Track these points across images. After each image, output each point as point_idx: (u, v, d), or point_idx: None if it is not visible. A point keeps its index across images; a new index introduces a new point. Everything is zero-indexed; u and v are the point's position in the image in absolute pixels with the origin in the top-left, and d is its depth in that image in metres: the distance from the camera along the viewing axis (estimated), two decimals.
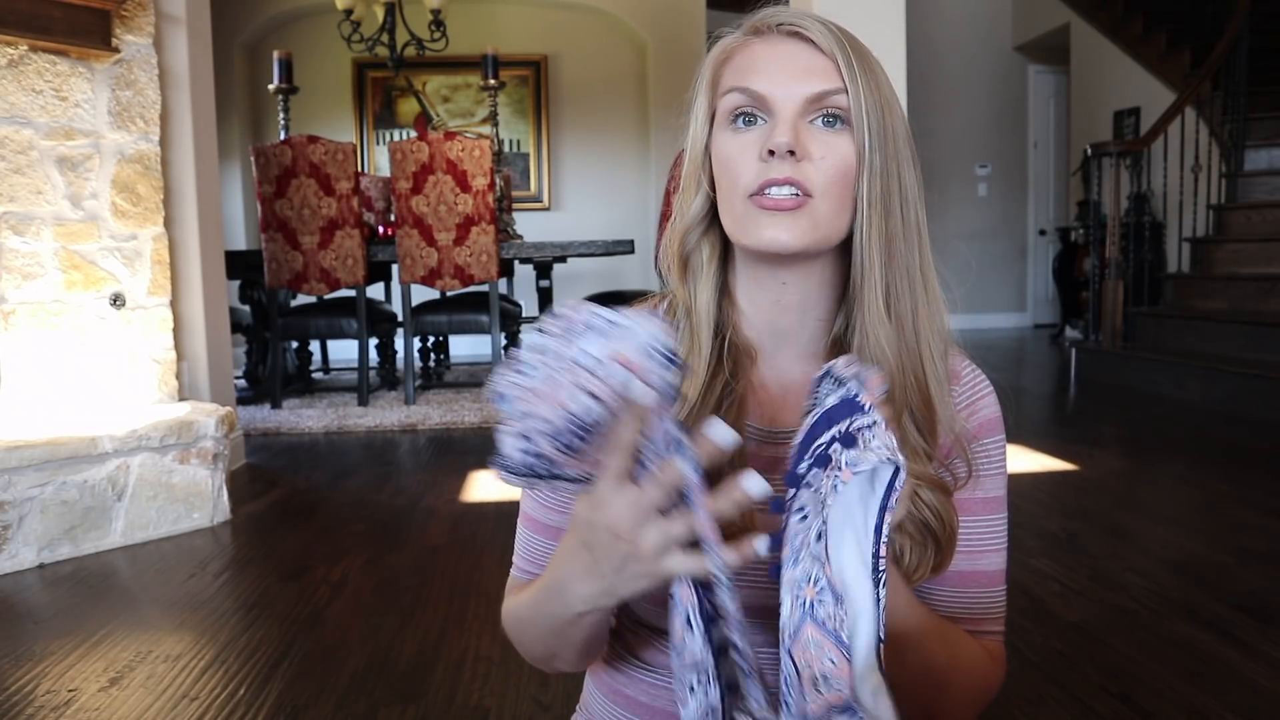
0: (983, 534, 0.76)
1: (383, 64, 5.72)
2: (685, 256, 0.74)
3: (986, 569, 0.76)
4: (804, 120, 0.66)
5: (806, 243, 0.66)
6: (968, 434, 0.73)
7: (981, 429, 0.75)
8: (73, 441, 2.36)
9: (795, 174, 0.65)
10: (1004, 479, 0.77)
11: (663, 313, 0.76)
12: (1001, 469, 0.77)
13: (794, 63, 0.67)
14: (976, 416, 0.75)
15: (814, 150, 0.66)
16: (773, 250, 0.67)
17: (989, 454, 0.75)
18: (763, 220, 0.66)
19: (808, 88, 0.66)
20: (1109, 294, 5.07)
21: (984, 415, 0.75)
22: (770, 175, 0.65)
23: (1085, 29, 6.86)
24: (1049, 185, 8.19)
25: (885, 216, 0.67)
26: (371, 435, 3.99)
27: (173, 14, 3.00)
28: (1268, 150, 5.33)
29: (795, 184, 0.65)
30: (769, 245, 0.66)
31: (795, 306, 0.72)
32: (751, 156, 0.67)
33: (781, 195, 0.65)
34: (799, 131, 0.66)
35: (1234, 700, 1.51)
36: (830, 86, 0.66)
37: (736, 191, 0.67)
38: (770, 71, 0.67)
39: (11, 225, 2.59)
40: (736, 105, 0.68)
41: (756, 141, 0.67)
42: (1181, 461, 3.34)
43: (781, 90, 0.66)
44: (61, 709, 1.55)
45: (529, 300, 5.77)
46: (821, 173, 0.66)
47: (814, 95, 0.66)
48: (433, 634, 1.84)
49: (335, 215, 4.33)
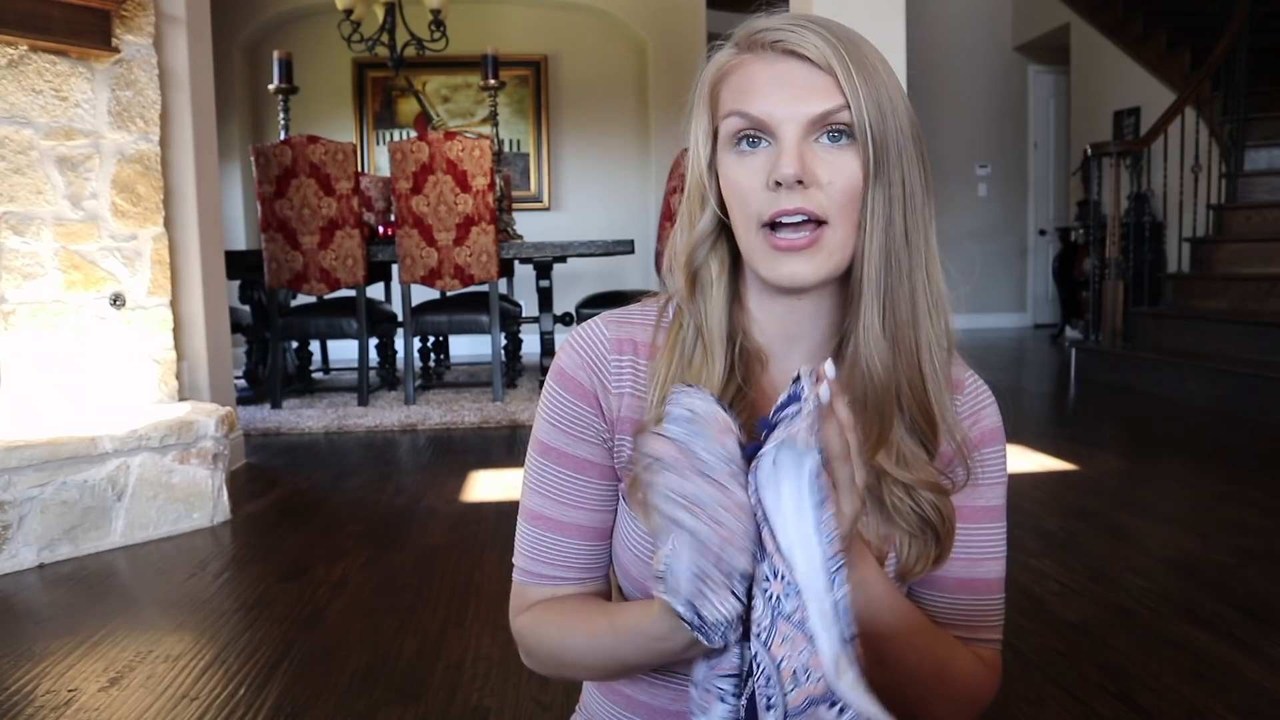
0: (982, 542, 0.76)
1: (383, 64, 5.72)
2: (694, 272, 0.73)
3: (985, 576, 0.76)
4: (808, 141, 0.66)
5: (825, 273, 0.67)
6: (969, 442, 0.73)
7: (982, 439, 0.75)
8: (73, 441, 2.36)
9: (805, 203, 0.65)
10: (1004, 488, 0.77)
11: (668, 317, 0.76)
12: (1002, 478, 0.77)
13: (792, 82, 0.66)
14: (979, 426, 0.75)
15: (821, 174, 0.65)
16: (793, 286, 0.67)
17: (989, 463, 0.76)
18: (781, 259, 0.66)
19: (809, 108, 0.65)
20: (1109, 294, 5.07)
21: (985, 425, 0.76)
22: (780, 206, 0.65)
23: (1085, 29, 6.86)
24: (1049, 185, 8.19)
25: (886, 228, 0.66)
26: (371, 435, 3.99)
27: (173, 14, 3.00)
28: (1268, 150, 5.33)
29: (806, 212, 0.65)
30: (789, 282, 0.67)
31: (809, 314, 0.72)
32: (759, 183, 0.66)
33: (795, 237, 0.65)
34: (804, 158, 0.65)
35: (1234, 700, 1.51)
36: (831, 105, 0.65)
37: (749, 220, 0.67)
38: (769, 94, 0.66)
39: (11, 225, 2.59)
40: (739, 128, 0.67)
41: (763, 167, 0.66)
42: (1181, 461, 3.34)
43: (782, 111, 0.65)
44: (61, 709, 1.55)
45: (529, 300, 5.77)
46: (831, 197, 0.65)
47: (816, 116, 0.65)
48: (433, 634, 1.84)
49: (335, 215, 4.33)
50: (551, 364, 0.77)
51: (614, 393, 0.74)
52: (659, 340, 0.74)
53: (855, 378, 0.68)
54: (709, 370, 0.71)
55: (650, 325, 0.76)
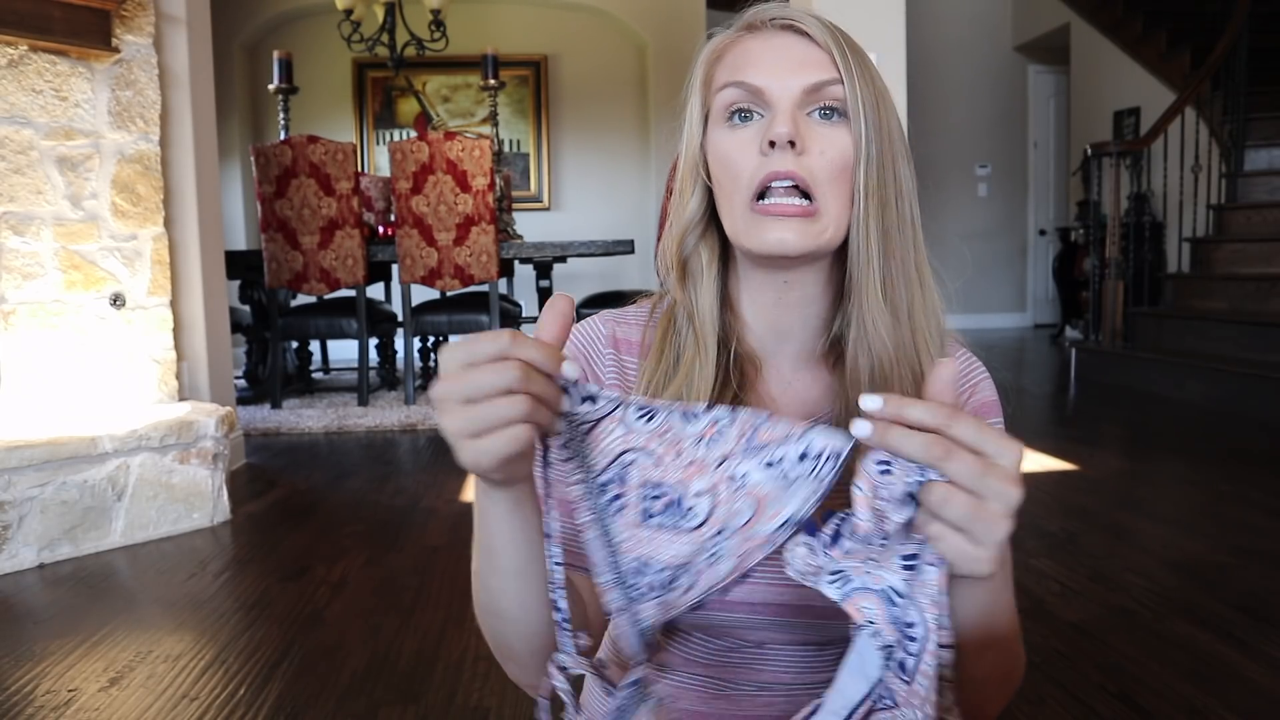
0: None
1: (383, 64, 5.73)
2: (684, 260, 0.73)
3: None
4: (802, 112, 0.66)
5: (813, 246, 0.66)
6: None
7: (980, 411, 0.74)
8: (73, 441, 2.36)
9: (797, 167, 0.64)
10: None
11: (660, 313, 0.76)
12: None
13: (789, 54, 0.66)
14: (975, 399, 0.74)
15: (813, 145, 0.65)
16: (779, 253, 0.66)
17: None
18: (767, 224, 0.65)
19: (804, 78, 0.65)
20: (1109, 294, 5.07)
21: (982, 397, 0.75)
22: (772, 168, 0.64)
23: (1085, 29, 6.86)
24: (1049, 185, 8.20)
25: (882, 208, 0.66)
26: (371, 435, 3.99)
27: (173, 14, 3.00)
28: (1268, 150, 5.33)
29: (797, 179, 0.64)
30: (775, 248, 0.65)
31: (797, 304, 0.71)
32: (751, 152, 0.66)
33: (784, 203, 0.65)
34: (798, 123, 0.65)
35: (1234, 700, 1.51)
36: (827, 77, 0.65)
37: (738, 190, 0.67)
38: (766, 64, 0.66)
39: (11, 225, 2.59)
40: (732, 100, 0.67)
41: (755, 136, 0.66)
42: (1181, 461, 3.34)
43: (778, 82, 0.66)
44: (61, 709, 1.55)
45: (529, 300, 5.78)
46: (822, 168, 0.65)
47: (811, 86, 0.65)
48: (433, 634, 1.84)
49: (335, 215, 4.33)
50: None
51: (605, 384, 0.74)
52: (648, 339, 0.74)
53: (860, 358, 0.67)
54: (701, 362, 0.70)
55: (643, 325, 0.76)
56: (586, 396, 0.54)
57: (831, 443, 0.52)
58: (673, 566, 0.56)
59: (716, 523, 0.55)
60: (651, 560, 0.56)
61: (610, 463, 0.55)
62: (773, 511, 0.53)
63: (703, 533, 0.55)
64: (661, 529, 0.55)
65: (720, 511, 0.54)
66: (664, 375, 0.71)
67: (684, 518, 0.55)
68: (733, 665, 0.71)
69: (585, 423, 0.55)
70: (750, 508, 0.53)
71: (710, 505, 0.54)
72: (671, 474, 0.55)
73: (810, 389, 0.73)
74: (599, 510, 0.56)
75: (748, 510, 0.54)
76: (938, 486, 0.48)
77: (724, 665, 0.72)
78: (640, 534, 0.56)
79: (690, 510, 0.55)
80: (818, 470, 0.52)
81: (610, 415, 0.55)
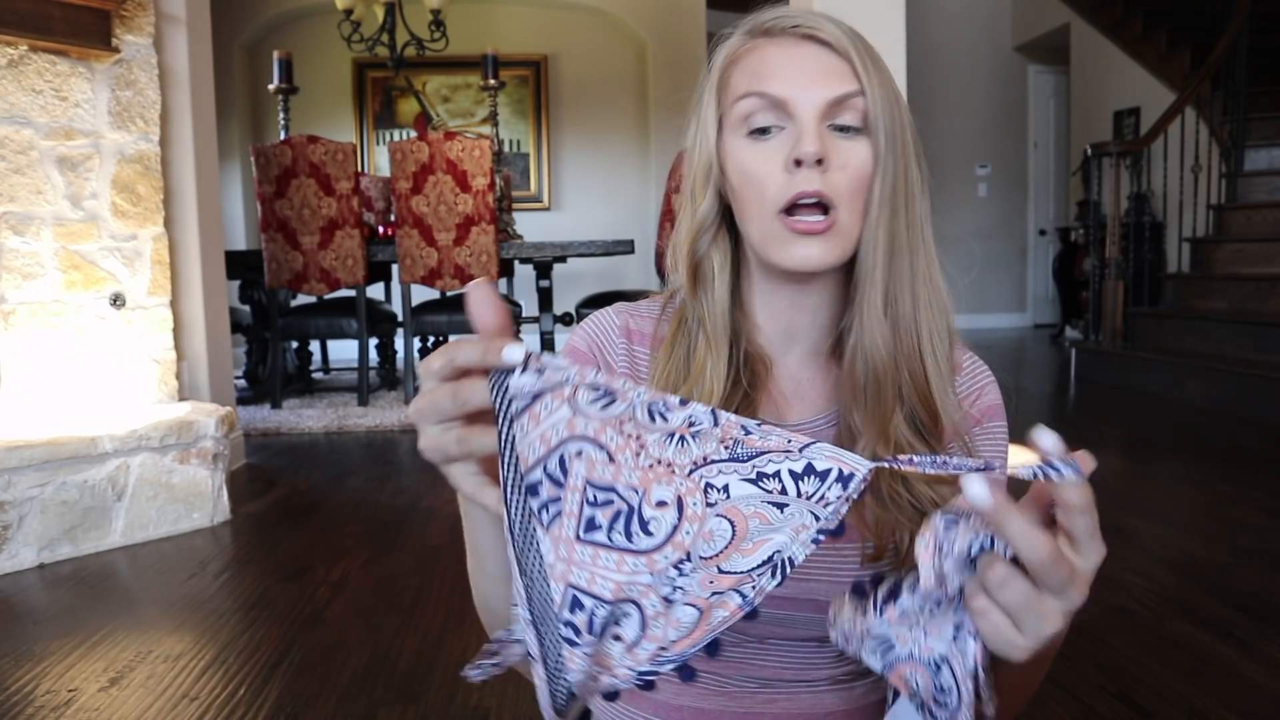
0: None
1: (383, 64, 5.72)
2: (696, 264, 0.73)
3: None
4: (824, 125, 0.66)
5: (833, 259, 0.67)
6: (966, 425, 0.73)
7: (986, 414, 0.75)
8: (73, 441, 2.36)
9: (822, 185, 0.65)
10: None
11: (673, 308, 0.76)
12: (1007, 452, 0.77)
13: (812, 65, 0.66)
14: (980, 402, 0.75)
15: (835, 160, 0.65)
16: (805, 269, 0.67)
17: (994, 437, 0.75)
18: (794, 240, 0.66)
19: (827, 91, 0.65)
20: (1109, 294, 5.07)
21: (988, 401, 0.76)
22: (799, 188, 0.65)
23: (1085, 29, 6.86)
24: (1049, 185, 8.20)
25: (891, 217, 0.67)
26: (371, 435, 3.99)
27: (173, 14, 3.00)
28: (1268, 150, 5.33)
29: (822, 196, 0.65)
30: (801, 264, 0.66)
31: (809, 308, 0.73)
32: (775, 168, 0.66)
33: (812, 220, 0.65)
34: (824, 139, 0.65)
35: (1234, 700, 1.51)
36: (849, 89, 0.65)
37: (763, 204, 0.67)
38: (788, 74, 0.66)
39: (11, 225, 2.59)
40: (752, 110, 0.67)
41: (779, 151, 0.66)
42: (1181, 461, 3.34)
43: (802, 94, 0.65)
44: (61, 709, 1.55)
45: (529, 300, 5.77)
46: (843, 183, 0.65)
47: (835, 99, 0.65)
48: (433, 634, 1.84)
49: (335, 215, 4.33)
50: (565, 343, 0.79)
51: (617, 374, 0.74)
52: (660, 332, 0.75)
53: (857, 363, 0.68)
54: (713, 363, 0.71)
55: (655, 318, 0.77)
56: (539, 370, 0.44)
57: (840, 464, 0.43)
58: (614, 602, 0.44)
59: (679, 546, 0.44)
60: (588, 590, 0.44)
61: (546, 454, 0.44)
62: (755, 542, 0.43)
63: (658, 559, 0.44)
64: (606, 548, 0.44)
65: (686, 531, 0.43)
66: (676, 375, 0.71)
67: (637, 534, 0.44)
68: (733, 661, 0.71)
69: (515, 398, 0.43)
70: (726, 532, 0.43)
71: (674, 521, 0.43)
72: (626, 475, 0.43)
73: (820, 385, 0.74)
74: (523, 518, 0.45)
75: (722, 534, 0.43)
76: (1000, 565, 0.43)
77: (724, 661, 0.71)
78: (576, 554, 0.44)
79: (647, 524, 0.43)
80: (821, 494, 0.43)
81: (555, 391, 0.43)
